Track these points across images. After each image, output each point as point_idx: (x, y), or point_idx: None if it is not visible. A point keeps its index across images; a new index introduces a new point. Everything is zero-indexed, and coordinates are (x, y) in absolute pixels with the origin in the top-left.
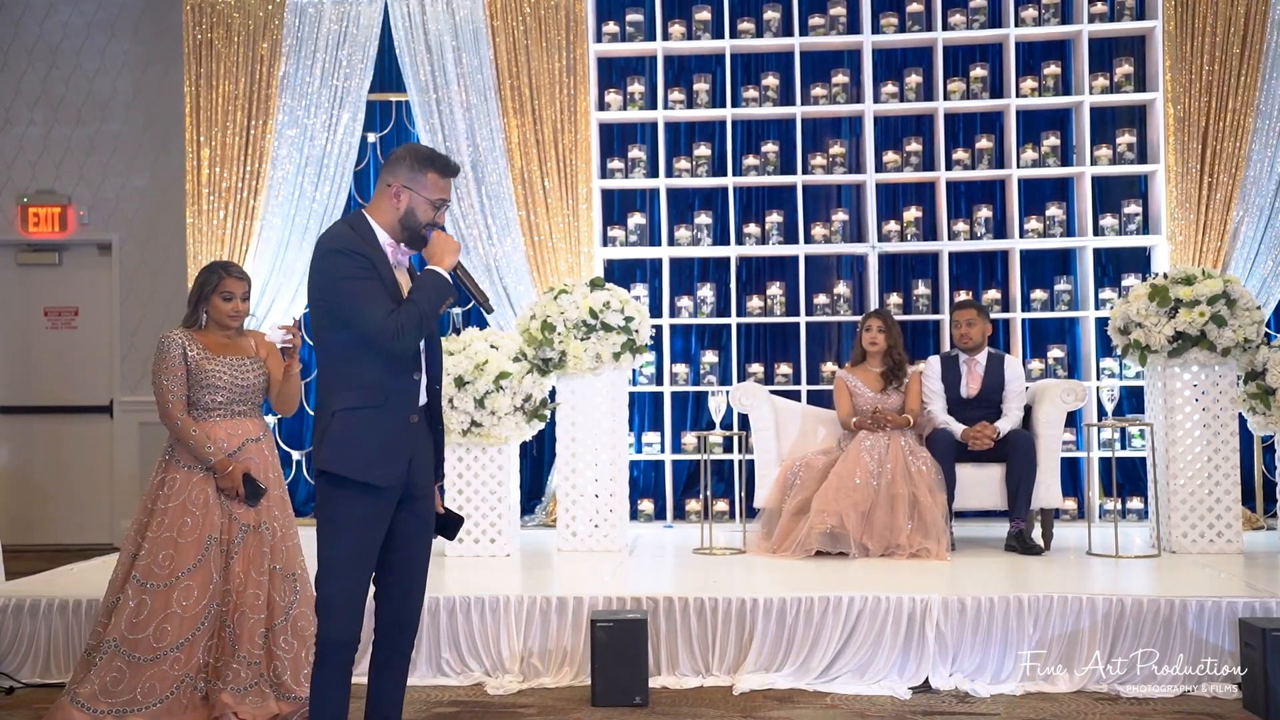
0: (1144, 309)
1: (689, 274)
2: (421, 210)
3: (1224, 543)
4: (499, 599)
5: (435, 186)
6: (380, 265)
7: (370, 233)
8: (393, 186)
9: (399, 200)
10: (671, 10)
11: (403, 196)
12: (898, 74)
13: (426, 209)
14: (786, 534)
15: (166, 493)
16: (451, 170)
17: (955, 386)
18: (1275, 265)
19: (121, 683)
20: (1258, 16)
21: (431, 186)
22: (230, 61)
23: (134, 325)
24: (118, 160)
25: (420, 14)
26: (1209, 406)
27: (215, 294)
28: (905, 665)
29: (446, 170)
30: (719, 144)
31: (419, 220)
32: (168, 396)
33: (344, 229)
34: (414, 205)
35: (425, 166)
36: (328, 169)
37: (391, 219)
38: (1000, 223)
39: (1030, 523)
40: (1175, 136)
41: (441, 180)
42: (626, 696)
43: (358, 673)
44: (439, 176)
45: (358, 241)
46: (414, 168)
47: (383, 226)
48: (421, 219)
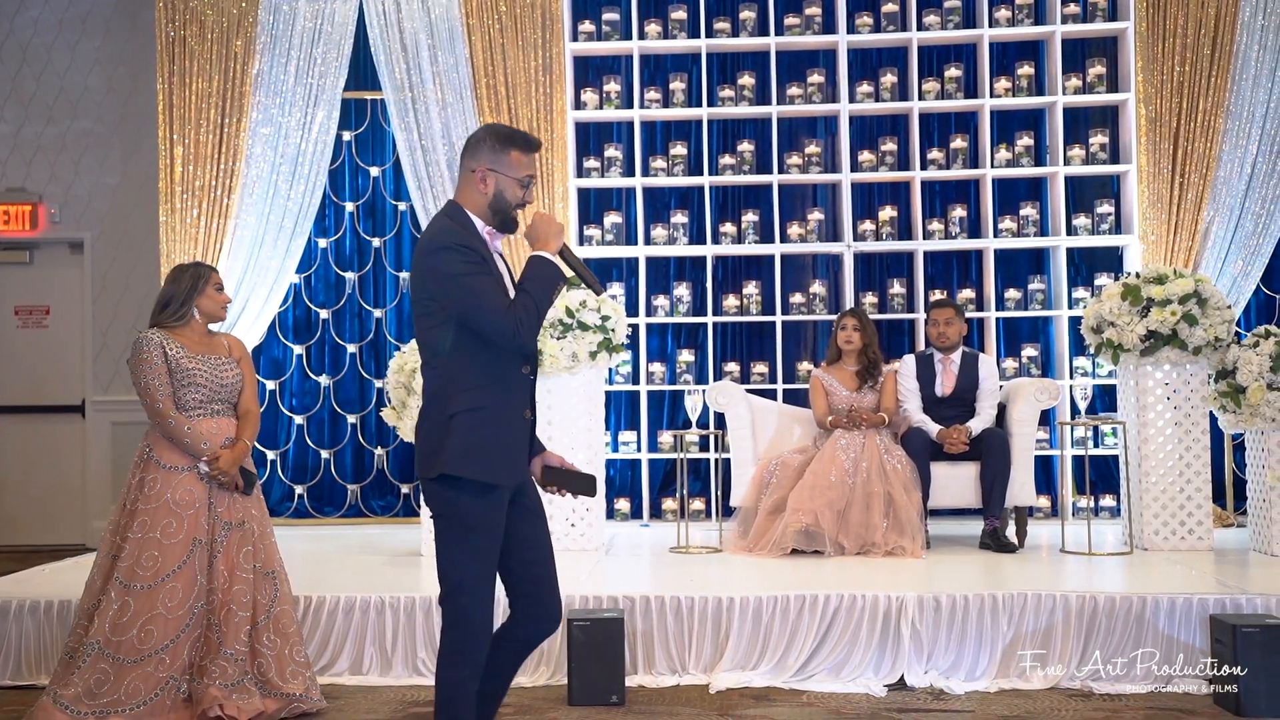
0: (1116, 308)
1: (665, 273)
2: (510, 191)
3: (1195, 540)
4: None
5: (520, 164)
6: (486, 256)
7: (469, 222)
8: (477, 171)
9: (485, 184)
10: (647, 9)
11: (489, 180)
12: (873, 74)
13: (514, 189)
14: (762, 533)
15: (147, 493)
16: (534, 145)
17: (930, 385)
18: (1245, 265)
19: (106, 684)
20: (1227, 18)
21: (516, 164)
22: (204, 59)
23: (106, 324)
24: (89, 158)
25: (395, 12)
26: (1180, 405)
27: (210, 286)
28: (881, 663)
29: (529, 146)
30: (695, 143)
31: (508, 202)
32: (156, 396)
33: (446, 222)
34: (502, 187)
35: (507, 145)
36: (302, 167)
37: (481, 205)
38: (975, 222)
39: (1004, 521)
40: (1147, 137)
41: (525, 157)
42: (603, 695)
43: None
44: (522, 153)
45: (463, 234)
46: (495, 148)
47: (476, 214)
48: (510, 200)
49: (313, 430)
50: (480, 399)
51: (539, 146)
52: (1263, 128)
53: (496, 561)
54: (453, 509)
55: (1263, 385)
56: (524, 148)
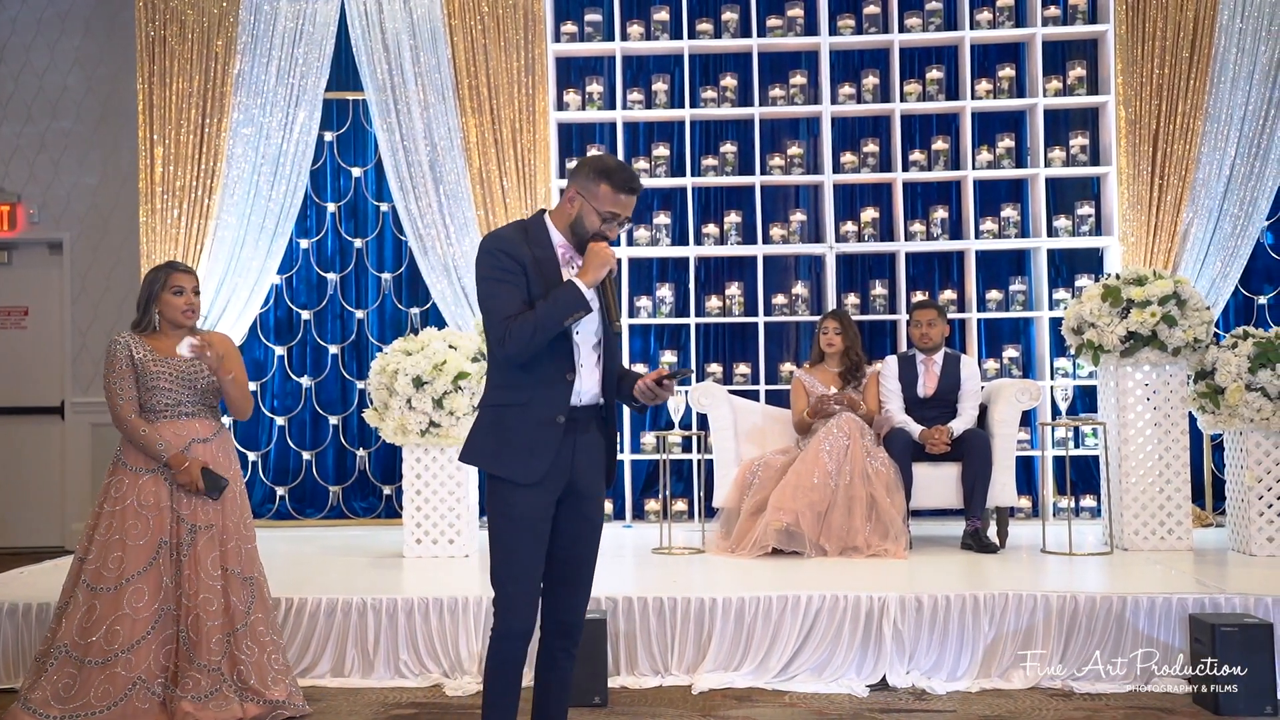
0: (1097, 309)
1: (648, 274)
2: (589, 219)
3: (1174, 540)
4: (457, 600)
5: (606, 199)
6: (543, 266)
7: (544, 233)
8: (568, 191)
9: (571, 206)
10: (630, 10)
11: (575, 203)
12: (855, 75)
13: (594, 219)
14: (745, 533)
15: (114, 495)
16: (626, 186)
17: (912, 386)
18: (1224, 266)
19: (74, 687)
20: (1206, 22)
21: (603, 198)
22: (184, 59)
23: (86, 325)
24: (69, 158)
25: (377, 12)
26: (1160, 405)
27: (165, 290)
28: (863, 663)
29: (620, 185)
30: (678, 144)
31: (586, 229)
32: (117, 399)
33: (508, 229)
34: (583, 213)
35: (600, 178)
36: (284, 168)
37: (564, 223)
38: (956, 223)
39: (986, 521)
40: (1127, 139)
41: (614, 194)
42: (586, 696)
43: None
44: (612, 190)
45: (513, 241)
46: (590, 176)
47: (559, 229)
48: (588, 228)
49: (294, 431)
50: (506, 396)
51: (634, 189)
52: (1241, 130)
53: (534, 556)
54: (490, 497)
55: (1241, 386)
56: (616, 185)
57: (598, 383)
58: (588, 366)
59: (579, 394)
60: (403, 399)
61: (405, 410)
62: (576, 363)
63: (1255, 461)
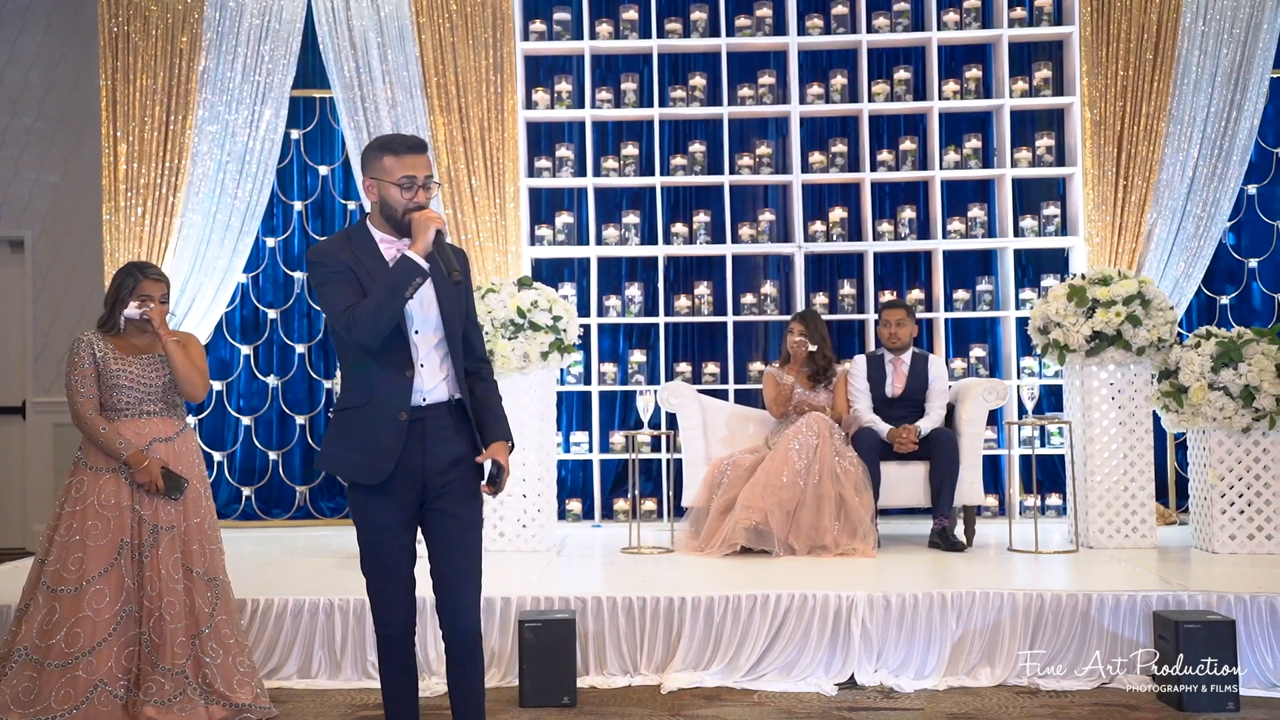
0: (1062, 309)
1: (617, 273)
2: (390, 195)
3: (1139, 538)
4: (425, 600)
5: (393, 167)
6: (369, 265)
7: (366, 238)
8: (364, 183)
9: (372, 194)
10: (599, 9)
11: (374, 189)
12: (823, 76)
13: (394, 192)
14: (714, 532)
15: (75, 495)
16: (404, 147)
17: (880, 386)
18: (1187, 267)
19: (34, 691)
20: (1169, 24)
21: (389, 168)
22: (148, 55)
23: (48, 324)
24: (30, 155)
25: (344, 9)
26: (1125, 405)
27: (131, 299)
28: (831, 662)
29: (400, 148)
30: (646, 143)
31: (394, 207)
32: (77, 397)
33: (330, 239)
34: (384, 194)
35: (380, 152)
36: (250, 166)
37: (377, 216)
38: (924, 223)
39: (953, 520)
40: (1092, 140)
41: (398, 159)
42: (554, 697)
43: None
44: (394, 156)
45: (332, 250)
46: (372, 157)
47: (376, 226)
48: (395, 205)
49: (260, 431)
50: (347, 399)
51: (415, 148)
52: (1203, 132)
53: (395, 558)
54: (349, 503)
55: (1204, 385)
56: (396, 150)
57: (443, 379)
58: (430, 365)
59: (422, 392)
60: None
61: None
62: (415, 361)
63: (1218, 460)
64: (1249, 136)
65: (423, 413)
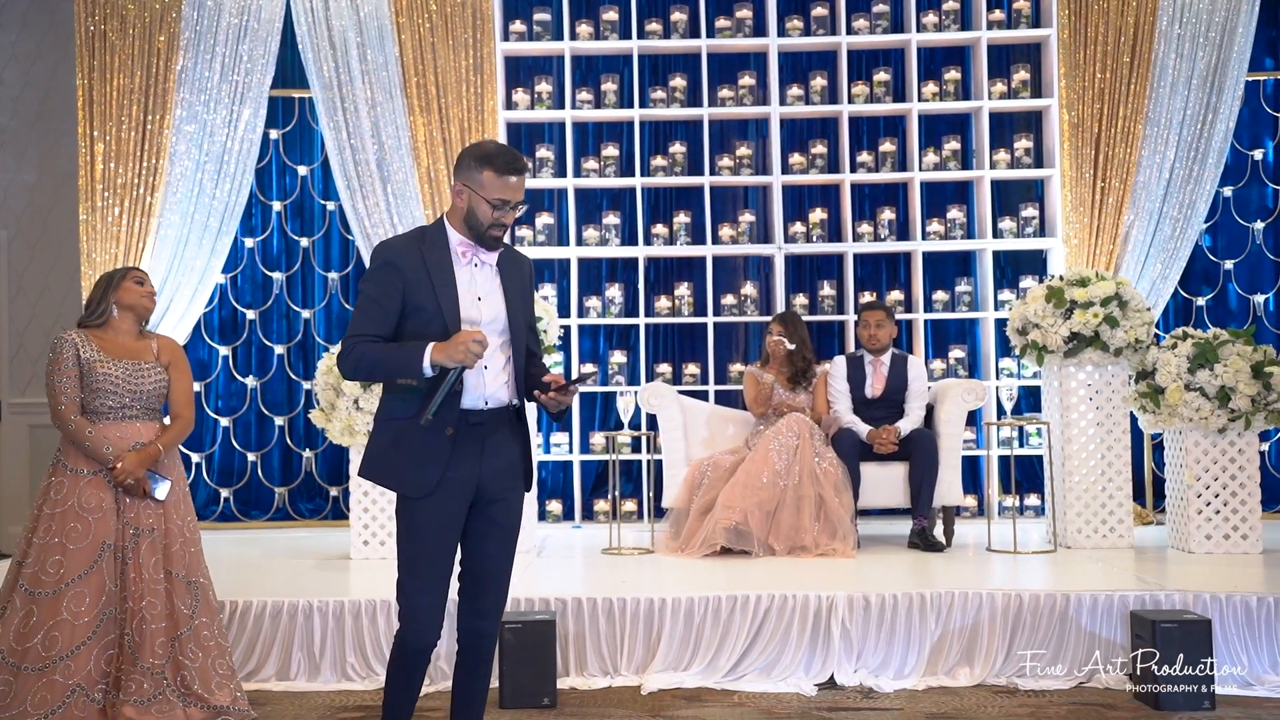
0: (1041, 310)
1: (597, 274)
2: (481, 210)
3: (1116, 538)
4: None
5: (492, 186)
6: (433, 267)
7: (441, 235)
8: (455, 186)
9: (460, 200)
10: (579, 10)
11: (463, 196)
12: (803, 77)
13: (484, 208)
14: (694, 533)
15: (54, 497)
16: (510, 169)
17: (860, 386)
18: (1163, 268)
19: (9, 695)
20: (1146, 27)
21: (488, 185)
22: (125, 54)
23: (23, 325)
24: (6, 155)
25: (323, 9)
26: (1102, 405)
27: (126, 279)
28: (811, 662)
29: (504, 169)
30: (627, 144)
31: (480, 221)
32: (60, 398)
33: (404, 236)
34: (473, 205)
35: (482, 165)
36: (228, 166)
37: (459, 220)
38: (903, 225)
39: (932, 520)
40: (1070, 142)
41: (498, 179)
42: (534, 698)
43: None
44: (496, 175)
45: (403, 250)
46: (471, 166)
47: (454, 227)
48: (482, 219)
49: (239, 432)
50: (391, 410)
51: (518, 170)
52: (1180, 134)
53: (438, 568)
54: (397, 510)
55: (1181, 386)
56: (498, 169)
57: (504, 385)
58: (494, 367)
59: (484, 398)
60: (349, 400)
61: (352, 411)
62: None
63: (1194, 460)
64: (1224, 139)
65: (483, 417)
